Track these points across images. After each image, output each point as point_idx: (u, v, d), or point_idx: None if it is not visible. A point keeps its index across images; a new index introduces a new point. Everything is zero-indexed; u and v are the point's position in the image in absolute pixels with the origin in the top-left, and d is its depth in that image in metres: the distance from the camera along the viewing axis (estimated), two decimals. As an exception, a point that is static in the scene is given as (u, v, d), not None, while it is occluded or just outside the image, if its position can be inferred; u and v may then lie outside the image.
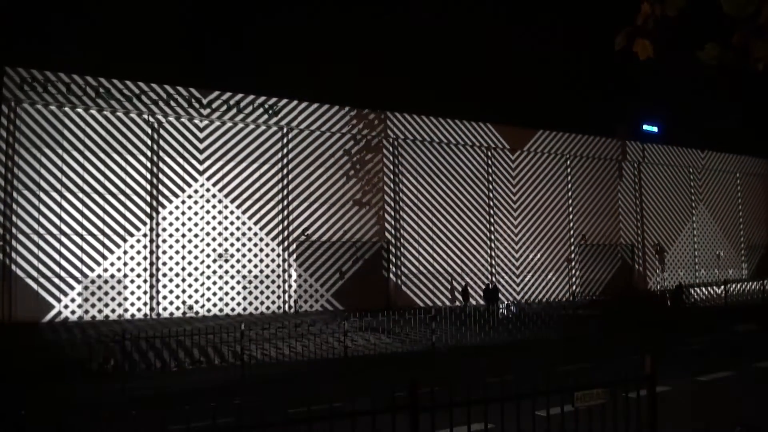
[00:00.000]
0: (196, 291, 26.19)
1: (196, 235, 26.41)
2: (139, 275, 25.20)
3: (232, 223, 27.12)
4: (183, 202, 26.32)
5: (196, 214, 26.51)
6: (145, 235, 25.47)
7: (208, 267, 26.48)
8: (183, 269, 26.03)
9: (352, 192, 29.83)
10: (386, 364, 15.27)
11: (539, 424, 5.29)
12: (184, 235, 26.19)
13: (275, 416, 4.71)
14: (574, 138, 37.08)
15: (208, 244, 26.60)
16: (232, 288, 26.85)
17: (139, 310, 25.04)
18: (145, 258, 25.37)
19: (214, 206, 26.87)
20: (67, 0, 30.17)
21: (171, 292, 25.75)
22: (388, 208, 30.77)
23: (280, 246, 28.00)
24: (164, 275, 25.66)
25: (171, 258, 25.87)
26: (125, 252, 25.09)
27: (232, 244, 27.00)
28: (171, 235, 25.96)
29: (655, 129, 43.54)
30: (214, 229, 26.76)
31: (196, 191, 26.62)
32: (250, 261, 27.29)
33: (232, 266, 26.89)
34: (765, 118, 44.11)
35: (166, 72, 27.07)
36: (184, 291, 25.98)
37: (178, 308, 25.72)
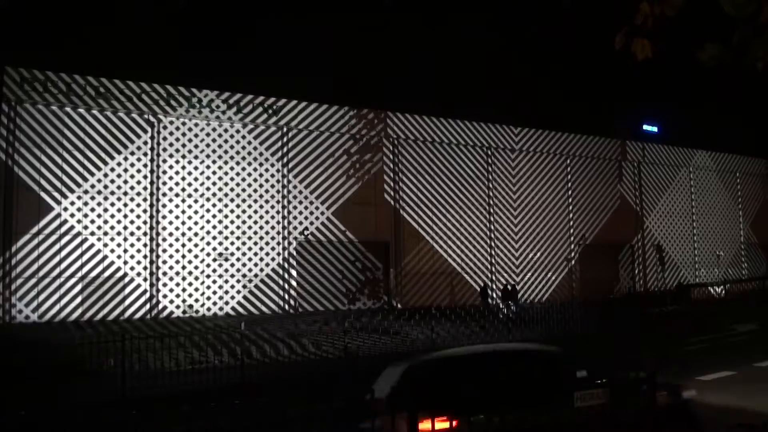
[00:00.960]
0: (197, 290, 26.20)
1: (196, 234, 26.42)
2: (139, 274, 25.20)
3: (232, 222, 27.12)
4: (183, 201, 26.33)
5: (196, 213, 26.51)
6: (145, 234, 25.48)
7: (208, 266, 26.48)
8: (183, 268, 26.03)
9: (352, 192, 29.84)
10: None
11: (539, 424, 5.30)
12: (184, 234, 26.19)
13: (275, 416, 4.72)
14: (574, 138, 37.10)
15: (208, 243, 26.60)
16: (232, 287, 26.85)
17: (138, 309, 25.03)
18: (145, 257, 25.38)
19: (214, 205, 26.87)
20: (68, 0, 30.15)
21: (171, 291, 25.76)
22: (388, 207, 30.77)
23: (280, 246, 28.00)
24: (164, 273, 25.65)
25: (171, 257, 25.87)
26: (125, 251, 25.09)
27: (232, 243, 27.01)
28: (171, 234, 25.97)
29: (655, 129, 43.53)
30: (214, 228, 26.77)
31: (196, 190, 26.62)
32: (250, 260, 27.29)
33: (232, 265, 26.89)
34: (765, 118, 44.07)
35: (166, 72, 27.02)
36: (184, 290, 25.98)
37: (178, 307, 25.73)
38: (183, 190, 26.38)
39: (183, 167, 26.45)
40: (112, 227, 24.94)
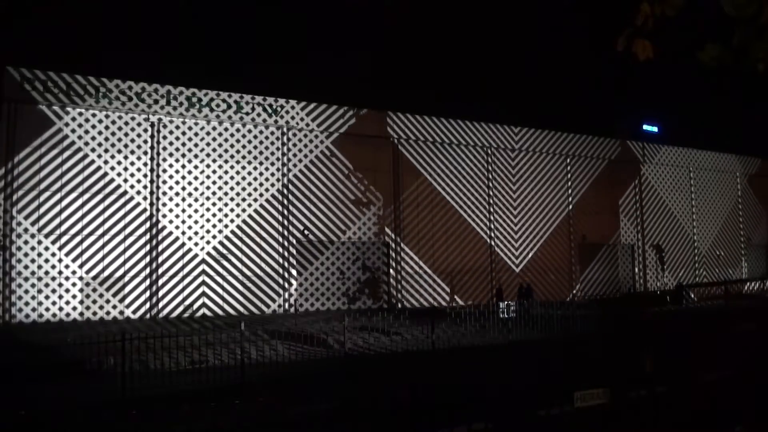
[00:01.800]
0: (196, 289, 26.18)
1: (196, 233, 26.41)
2: (138, 274, 25.18)
3: (232, 221, 27.11)
4: (183, 200, 26.32)
5: (196, 212, 26.51)
6: (145, 234, 25.47)
7: (208, 265, 26.48)
8: (183, 267, 26.02)
9: (352, 192, 29.82)
10: (386, 364, 15.27)
11: (539, 424, 5.30)
12: (184, 233, 26.19)
13: (275, 416, 4.72)
14: (574, 138, 37.10)
15: (208, 242, 26.60)
16: (232, 286, 26.84)
17: (138, 309, 25.03)
18: (145, 256, 25.36)
19: (214, 204, 26.87)
20: (69, 0, 30.18)
21: (171, 291, 25.74)
22: (388, 207, 30.76)
23: (280, 246, 28.00)
24: (164, 273, 25.63)
25: (171, 256, 25.86)
26: (125, 251, 25.09)
27: (232, 242, 27.00)
28: (171, 233, 25.96)
29: (655, 129, 43.54)
30: (214, 227, 26.76)
31: (196, 189, 26.61)
32: (250, 260, 27.27)
33: (232, 264, 26.87)
34: (765, 118, 44.09)
35: (166, 72, 27.05)
36: (183, 290, 25.97)
37: (177, 307, 25.70)
38: (183, 189, 26.37)
39: (183, 166, 26.44)
40: (112, 227, 24.93)
